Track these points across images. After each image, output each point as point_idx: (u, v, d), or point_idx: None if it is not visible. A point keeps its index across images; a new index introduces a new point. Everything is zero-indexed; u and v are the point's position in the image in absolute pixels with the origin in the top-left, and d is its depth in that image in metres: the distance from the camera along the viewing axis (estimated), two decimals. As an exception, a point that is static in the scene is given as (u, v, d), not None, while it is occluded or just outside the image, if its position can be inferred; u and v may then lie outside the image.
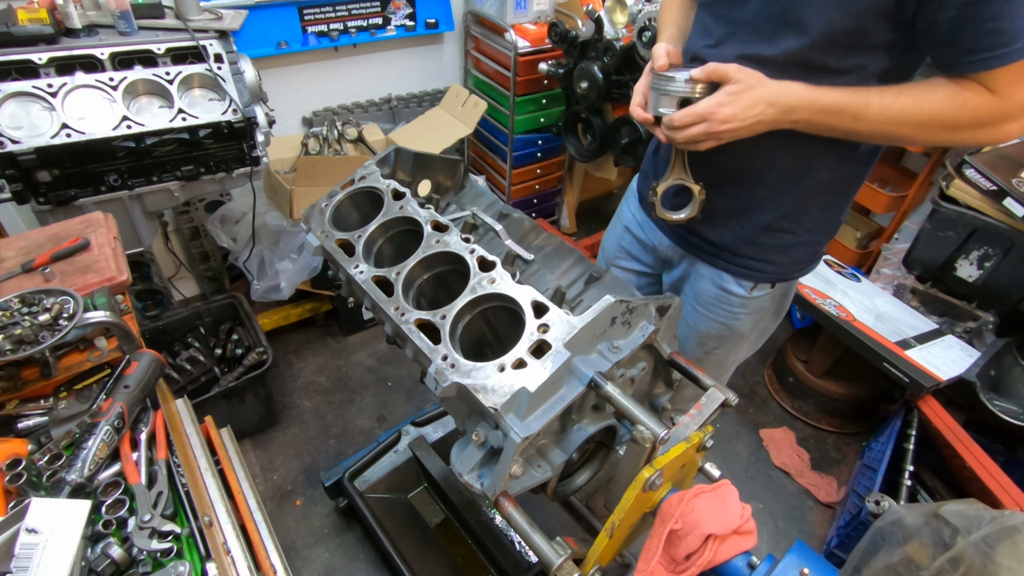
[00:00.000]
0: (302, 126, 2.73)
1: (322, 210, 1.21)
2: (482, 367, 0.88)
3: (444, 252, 1.05)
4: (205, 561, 0.89)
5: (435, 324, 0.96)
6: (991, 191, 2.06)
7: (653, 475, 0.80)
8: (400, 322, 0.99)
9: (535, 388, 0.82)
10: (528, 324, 0.90)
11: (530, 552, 1.72)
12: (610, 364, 0.90)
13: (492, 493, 0.85)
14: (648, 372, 1.06)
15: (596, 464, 1.04)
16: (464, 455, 0.90)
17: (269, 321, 2.54)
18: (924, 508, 1.44)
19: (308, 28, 2.44)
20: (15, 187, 1.60)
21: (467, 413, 0.94)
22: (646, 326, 0.97)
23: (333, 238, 1.16)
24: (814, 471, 2.26)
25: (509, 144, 2.83)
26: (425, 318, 0.97)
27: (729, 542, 0.81)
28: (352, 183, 1.23)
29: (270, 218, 2.37)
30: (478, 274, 0.99)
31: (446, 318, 0.96)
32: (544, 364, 0.85)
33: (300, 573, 1.88)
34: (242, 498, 1.14)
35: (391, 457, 1.93)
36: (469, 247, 1.04)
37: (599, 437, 0.98)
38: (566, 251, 1.20)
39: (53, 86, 1.59)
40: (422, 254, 1.06)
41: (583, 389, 0.87)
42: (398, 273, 1.05)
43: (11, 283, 1.20)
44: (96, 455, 0.92)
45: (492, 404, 0.83)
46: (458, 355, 0.91)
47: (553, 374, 0.83)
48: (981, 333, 2.23)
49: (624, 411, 0.87)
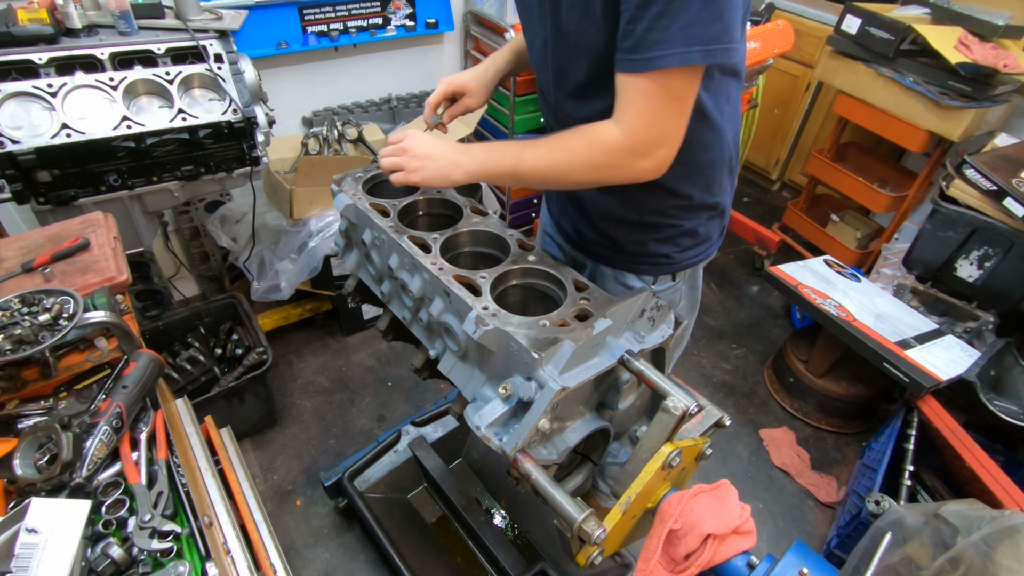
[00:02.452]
0: (302, 126, 2.73)
1: (357, 179, 1.23)
2: (524, 320, 0.91)
3: (485, 231, 1.09)
4: (205, 561, 0.89)
5: (475, 282, 0.98)
6: (991, 191, 2.06)
7: (673, 452, 0.81)
8: (439, 275, 0.99)
9: (578, 344, 0.84)
10: (570, 295, 0.96)
11: (529, 553, 1.72)
12: (639, 347, 0.93)
13: (512, 448, 0.85)
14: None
15: (582, 476, 1.04)
16: (485, 410, 0.90)
17: (269, 321, 2.55)
18: (924, 508, 1.44)
19: (308, 28, 2.44)
20: (15, 187, 1.60)
21: (502, 361, 0.94)
22: (666, 329, 1.00)
23: (367, 200, 1.16)
24: (814, 471, 2.26)
25: (509, 144, 2.83)
26: (465, 275, 0.99)
27: (728, 542, 0.81)
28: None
29: (270, 218, 2.37)
30: (518, 251, 1.03)
31: (486, 278, 0.99)
32: (586, 327, 0.89)
33: (300, 573, 1.88)
34: (242, 498, 1.14)
35: (391, 457, 1.93)
36: (509, 231, 1.08)
37: (585, 450, 1.00)
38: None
39: (53, 86, 1.59)
40: (463, 227, 1.09)
41: (614, 363, 0.90)
42: (436, 239, 1.07)
43: (11, 283, 1.20)
44: (95, 455, 0.92)
45: (535, 348, 0.85)
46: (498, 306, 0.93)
47: (597, 335, 0.86)
48: (981, 333, 2.24)
49: (655, 384, 0.88)
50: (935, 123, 2.42)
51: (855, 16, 2.50)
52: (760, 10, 2.45)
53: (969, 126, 2.35)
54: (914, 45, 2.39)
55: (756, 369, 2.69)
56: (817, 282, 2.36)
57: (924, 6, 2.52)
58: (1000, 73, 2.22)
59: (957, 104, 2.30)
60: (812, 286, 2.31)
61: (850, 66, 2.62)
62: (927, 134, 2.47)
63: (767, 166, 3.86)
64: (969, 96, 2.30)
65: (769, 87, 3.28)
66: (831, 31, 2.66)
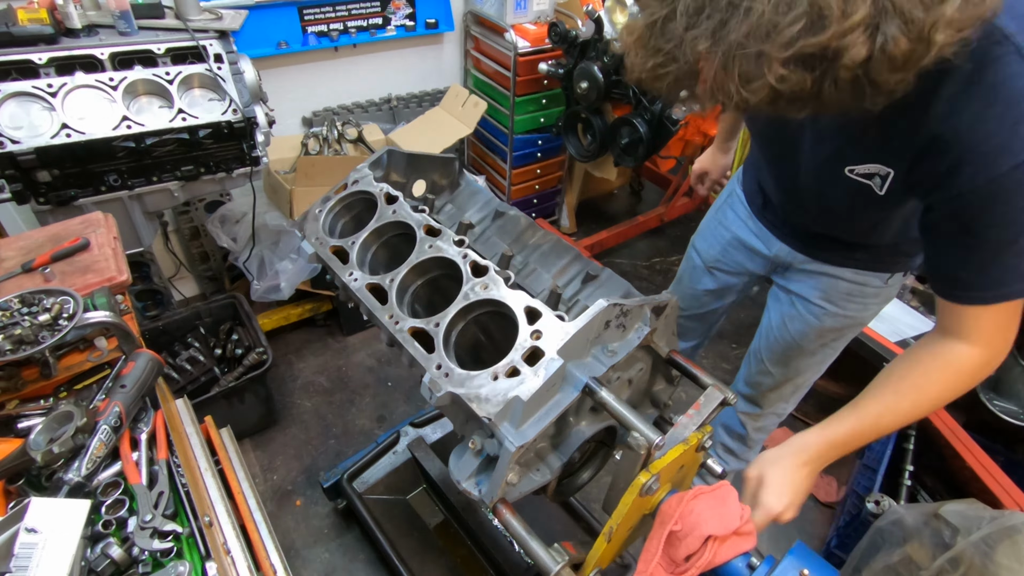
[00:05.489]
0: (302, 126, 2.73)
1: (316, 216, 1.20)
2: (476, 376, 0.87)
3: (437, 258, 1.04)
4: (205, 561, 0.89)
5: (429, 332, 0.96)
6: (991, 191, 2.05)
7: (649, 480, 0.79)
8: (394, 331, 0.98)
9: (528, 397, 0.81)
10: (521, 332, 0.89)
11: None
12: (605, 368, 0.89)
13: (489, 500, 0.85)
14: (647, 371, 1.06)
15: (597, 463, 1.04)
16: (462, 462, 0.89)
17: (269, 321, 2.54)
18: (924, 508, 1.44)
19: (308, 28, 2.44)
20: (15, 187, 1.60)
21: (464, 419, 0.93)
22: (641, 328, 0.96)
23: (327, 245, 1.15)
24: (814, 471, 2.25)
25: (509, 144, 2.83)
26: (419, 326, 0.97)
27: (729, 543, 0.81)
28: (345, 187, 1.22)
29: (270, 218, 2.37)
30: (471, 279, 0.98)
31: (440, 326, 0.95)
32: (537, 372, 0.84)
33: (300, 573, 1.88)
34: (242, 498, 1.14)
35: (390, 458, 1.92)
36: (462, 251, 1.03)
37: (600, 437, 0.98)
38: (563, 249, 1.19)
39: (53, 86, 1.59)
40: (415, 260, 1.05)
41: (578, 395, 0.87)
42: (391, 280, 1.04)
43: (11, 283, 1.20)
44: (94, 454, 0.92)
45: (486, 414, 0.83)
46: (452, 364, 0.90)
47: (546, 382, 0.82)
48: (981, 333, 2.23)
49: (619, 417, 0.86)
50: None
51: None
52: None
53: (969, 126, 2.35)
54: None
55: (756, 369, 2.69)
56: (817, 282, 2.36)
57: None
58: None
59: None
60: (812, 286, 2.31)
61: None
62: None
63: (767, 166, 3.85)
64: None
65: (769, 87, 3.28)
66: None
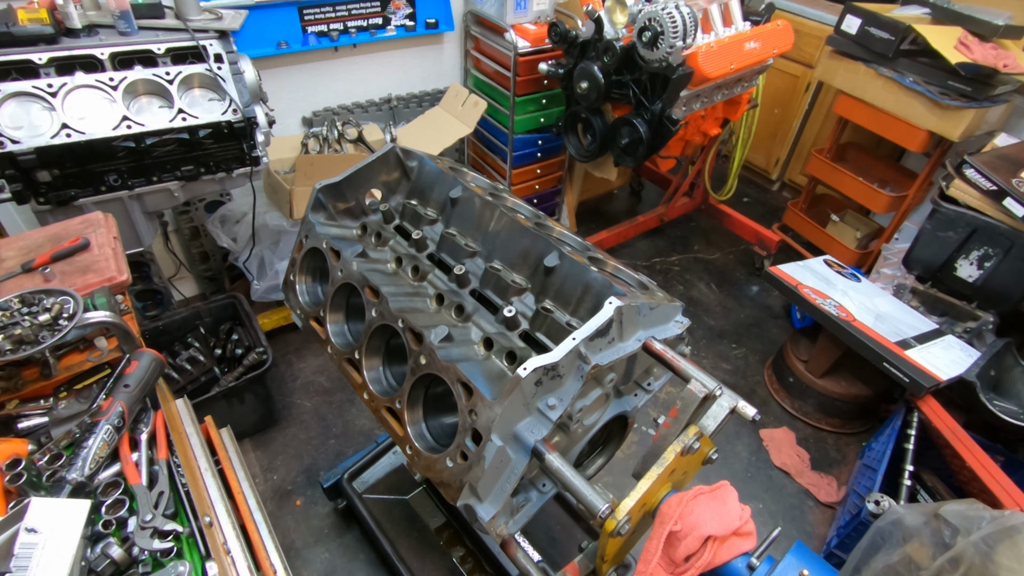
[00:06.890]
0: (302, 126, 2.73)
1: (291, 284, 1.27)
2: (437, 459, 0.94)
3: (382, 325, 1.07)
4: (205, 561, 0.89)
5: (395, 411, 1.04)
6: (991, 191, 2.06)
7: (619, 524, 0.80)
8: (371, 410, 1.08)
9: (479, 482, 0.87)
10: (460, 413, 0.91)
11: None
12: (549, 425, 0.87)
13: (499, 541, 0.95)
14: (618, 376, 1.03)
15: (610, 451, 1.04)
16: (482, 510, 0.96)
17: (269, 321, 2.54)
18: (924, 508, 1.44)
19: (308, 28, 2.44)
20: (15, 187, 1.60)
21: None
22: (582, 366, 0.89)
23: (309, 317, 1.22)
24: (814, 471, 2.26)
25: (509, 144, 2.83)
26: (387, 404, 1.05)
27: (729, 543, 0.81)
28: (301, 245, 1.27)
29: (270, 218, 2.37)
30: (413, 350, 1.00)
31: (401, 404, 1.02)
32: (480, 457, 0.86)
33: (300, 573, 1.88)
34: (242, 498, 1.14)
35: (390, 458, 1.92)
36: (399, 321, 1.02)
37: (608, 427, 1.00)
38: (518, 233, 1.12)
39: (53, 86, 1.59)
40: (369, 330, 1.09)
41: (529, 459, 0.87)
42: (357, 355, 1.11)
43: (11, 283, 1.20)
44: (97, 454, 0.92)
45: (451, 499, 0.90)
46: (419, 444, 0.98)
47: (491, 465, 0.86)
48: (981, 333, 2.24)
49: (568, 487, 0.85)
50: (935, 123, 2.42)
51: (855, 16, 2.50)
52: (760, 10, 2.45)
53: (969, 126, 2.35)
54: (914, 45, 2.39)
55: (756, 369, 2.69)
56: (817, 282, 2.36)
57: (924, 6, 2.52)
58: (1000, 73, 2.22)
59: (957, 104, 2.30)
60: (812, 286, 2.31)
61: (850, 66, 2.62)
62: (927, 134, 2.47)
63: (767, 166, 3.86)
64: (969, 96, 2.30)
65: (769, 87, 3.28)
66: (831, 31, 2.66)
